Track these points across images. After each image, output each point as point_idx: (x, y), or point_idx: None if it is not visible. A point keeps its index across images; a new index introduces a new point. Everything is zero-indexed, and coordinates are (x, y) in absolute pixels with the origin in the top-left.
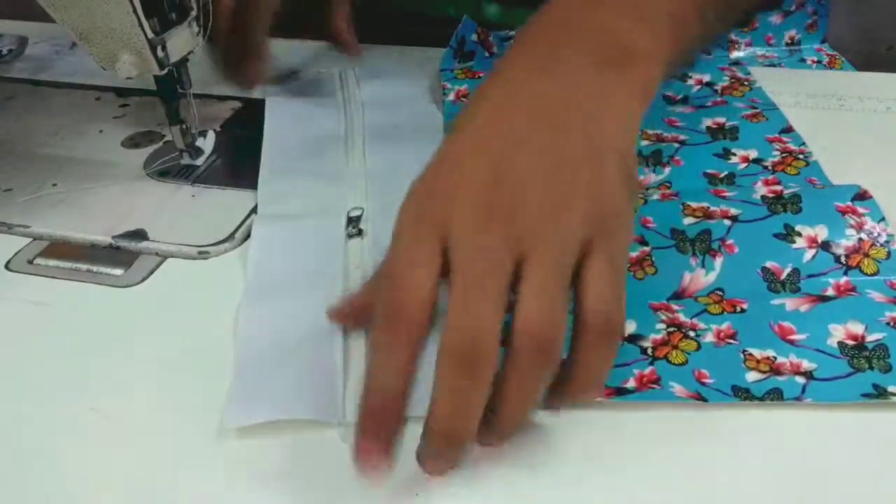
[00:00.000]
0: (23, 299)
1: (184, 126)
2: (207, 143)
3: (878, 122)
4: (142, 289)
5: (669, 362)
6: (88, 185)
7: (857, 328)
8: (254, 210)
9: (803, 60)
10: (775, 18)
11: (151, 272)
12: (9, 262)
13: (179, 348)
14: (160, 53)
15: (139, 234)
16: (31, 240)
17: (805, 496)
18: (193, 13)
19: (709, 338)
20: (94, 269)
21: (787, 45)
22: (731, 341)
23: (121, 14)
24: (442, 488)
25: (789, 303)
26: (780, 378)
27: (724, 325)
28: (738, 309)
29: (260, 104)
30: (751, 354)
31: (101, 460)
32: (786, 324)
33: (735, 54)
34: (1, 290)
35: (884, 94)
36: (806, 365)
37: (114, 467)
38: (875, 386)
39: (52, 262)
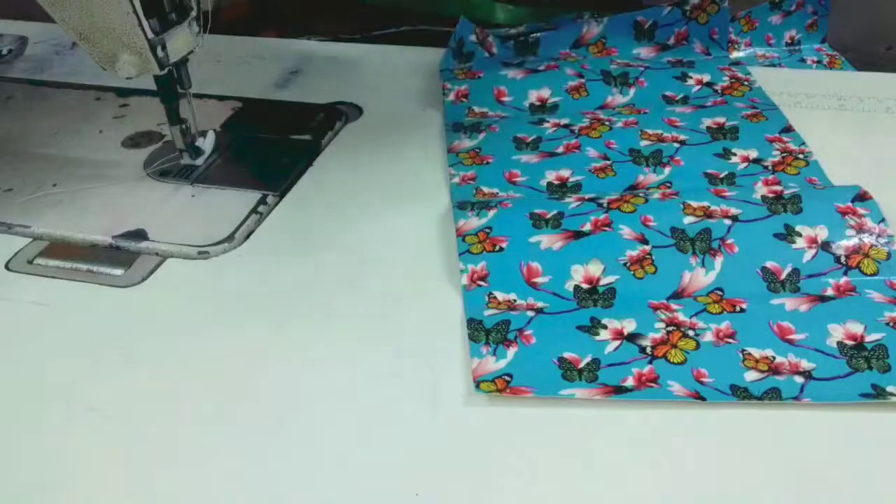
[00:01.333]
0: (23, 299)
1: (184, 126)
2: (207, 143)
3: (878, 122)
4: (142, 289)
5: (668, 361)
6: (88, 185)
7: (857, 328)
8: (254, 210)
9: (803, 60)
10: (775, 18)
11: (151, 272)
12: (9, 262)
13: (179, 348)
14: (160, 53)
15: (139, 234)
16: (31, 240)
17: (804, 495)
18: (193, 13)
19: (708, 337)
20: (94, 269)
21: (787, 45)
22: (731, 340)
23: (121, 14)
24: (442, 488)
25: (789, 303)
26: (778, 378)
27: (724, 325)
28: (738, 308)
29: (261, 104)
30: (750, 354)
31: (100, 460)
32: (785, 323)
33: (735, 54)
34: (1, 290)
35: (884, 94)
36: (805, 365)
37: (113, 467)
38: (874, 386)
39: (52, 262)
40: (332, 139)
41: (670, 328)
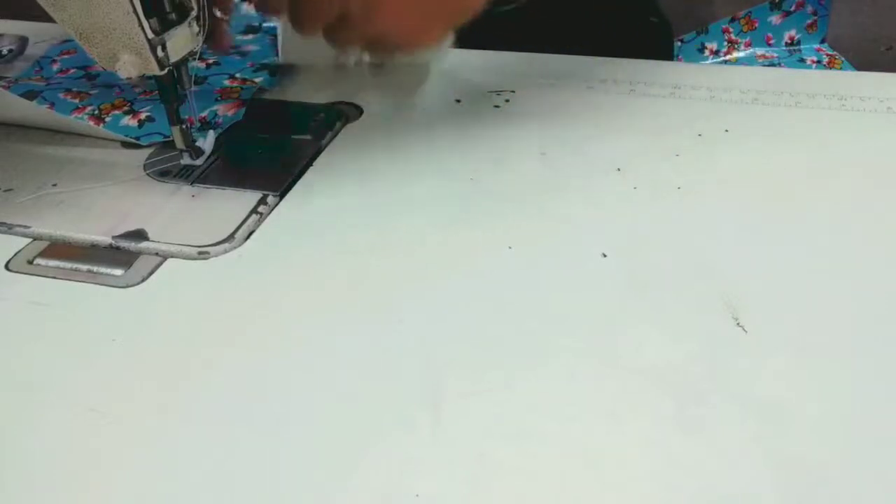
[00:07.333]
0: (23, 299)
1: (184, 126)
2: (207, 143)
3: (878, 122)
4: (142, 289)
5: None
6: (88, 185)
7: None
8: (254, 210)
9: (803, 60)
10: (775, 18)
11: (151, 272)
12: (9, 262)
13: (179, 348)
14: (160, 53)
15: (139, 234)
16: (31, 240)
17: (805, 495)
18: (193, 13)
19: None
20: (94, 269)
21: (787, 45)
22: None
23: (121, 14)
24: (442, 488)
25: None
26: None
27: None
28: None
29: (261, 104)
30: None
31: (100, 461)
32: None
33: (735, 54)
34: (1, 290)
35: (884, 94)
36: None
37: (113, 468)
38: None
39: (52, 263)
40: (332, 139)
41: None
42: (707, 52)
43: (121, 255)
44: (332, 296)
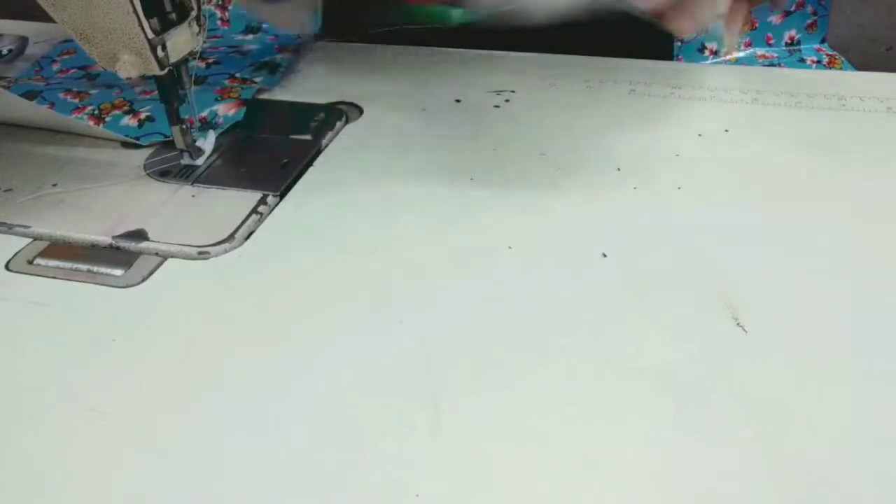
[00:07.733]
0: (23, 299)
1: (184, 126)
2: (207, 143)
3: (878, 122)
4: (142, 289)
5: None
6: (88, 185)
7: None
8: (254, 210)
9: (803, 60)
10: (775, 18)
11: (151, 272)
12: (9, 262)
13: (179, 348)
14: (160, 53)
15: (139, 234)
16: (31, 240)
17: (805, 495)
18: (193, 13)
19: None
20: (94, 269)
21: (787, 45)
22: None
23: (121, 14)
24: (442, 488)
25: None
26: None
27: None
28: None
29: (261, 104)
30: None
31: (100, 461)
32: None
33: (735, 54)
34: (1, 290)
35: (884, 94)
36: None
37: (113, 468)
38: None
39: (52, 263)
40: (332, 139)
41: None
42: (707, 52)
43: (121, 255)
44: (332, 296)
